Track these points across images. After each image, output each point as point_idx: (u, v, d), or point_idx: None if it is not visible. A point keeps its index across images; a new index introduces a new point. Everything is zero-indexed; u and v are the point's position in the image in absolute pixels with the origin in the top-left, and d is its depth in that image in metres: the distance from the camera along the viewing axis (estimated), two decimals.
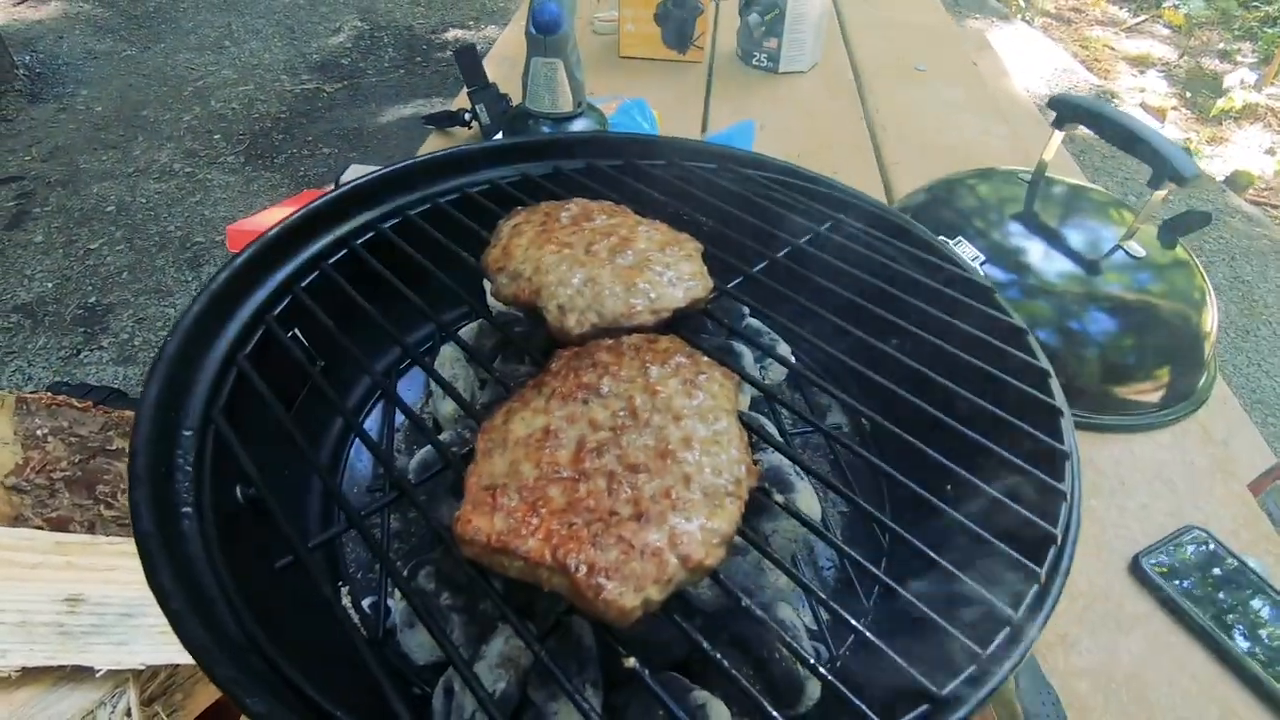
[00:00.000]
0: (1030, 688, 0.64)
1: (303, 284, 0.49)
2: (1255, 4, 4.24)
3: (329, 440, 0.53)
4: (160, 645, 0.72)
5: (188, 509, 0.35)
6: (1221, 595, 0.72)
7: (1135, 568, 0.74)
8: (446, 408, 0.49)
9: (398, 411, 0.56)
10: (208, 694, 0.81)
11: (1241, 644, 0.67)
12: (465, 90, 1.29)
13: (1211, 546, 0.76)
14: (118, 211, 2.65)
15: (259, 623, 0.31)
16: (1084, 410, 0.89)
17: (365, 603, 0.43)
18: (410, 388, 0.57)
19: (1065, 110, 0.94)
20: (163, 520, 0.33)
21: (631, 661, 0.30)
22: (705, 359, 0.41)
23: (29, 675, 0.69)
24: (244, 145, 3.01)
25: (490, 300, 0.56)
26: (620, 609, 0.29)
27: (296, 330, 0.49)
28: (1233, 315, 2.56)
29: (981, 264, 0.93)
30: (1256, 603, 0.71)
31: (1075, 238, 0.92)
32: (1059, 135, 0.96)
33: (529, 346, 0.46)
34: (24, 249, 2.47)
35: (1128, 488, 0.84)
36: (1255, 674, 0.65)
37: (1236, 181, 3.09)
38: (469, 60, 1.26)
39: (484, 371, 0.49)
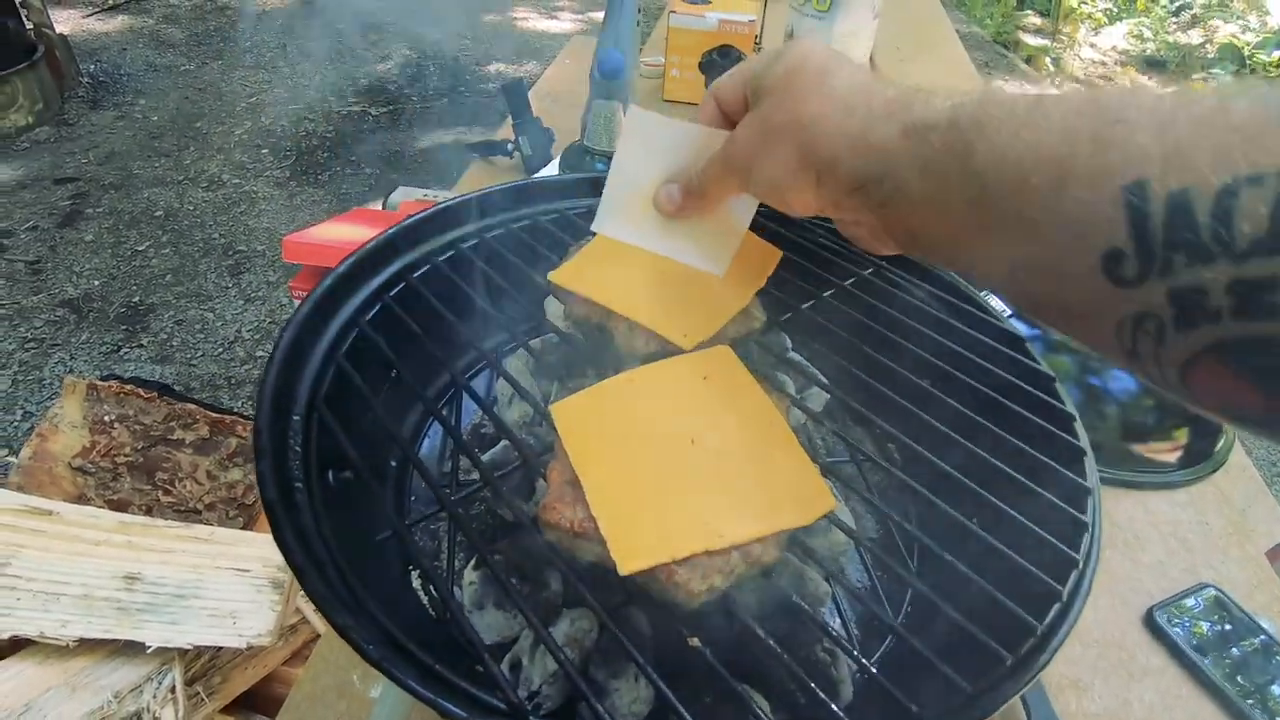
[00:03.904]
0: None
1: (391, 294, 0.54)
2: None
3: (405, 440, 0.57)
4: (208, 627, 0.76)
5: (299, 484, 0.39)
6: (1234, 652, 0.74)
7: (1149, 620, 0.76)
8: (513, 414, 0.53)
9: (463, 415, 0.60)
10: (243, 679, 0.84)
11: (1252, 702, 0.69)
12: (510, 122, 1.36)
13: (1225, 604, 0.78)
14: (166, 217, 2.75)
15: (360, 584, 0.35)
16: (1101, 465, 0.91)
17: (432, 590, 0.47)
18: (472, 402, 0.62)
19: None
20: (282, 489, 0.37)
21: (695, 641, 0.34)
22: (757, 383, 0.45)
23: (85, 646, 0.73)
24: (290, 161, 3.13)
25: (551, 318, 0.61)
26: (688, 591, 0.33)
27: (383, 336, 0.53)
28: None
29: (1008, 317, 0.97)
30: (1268, 662, 0.73)
31: None
32: None
33: (594, 360, 0.51)
34: (75, 247, 2.57)
35: (1142, 542, 0.86)
36: None
37: None
38: (516, 94, 1.33)
39: (551, 383, 0.53)
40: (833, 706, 0.36)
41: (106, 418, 0.89)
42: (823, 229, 0.65)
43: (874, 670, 0.35)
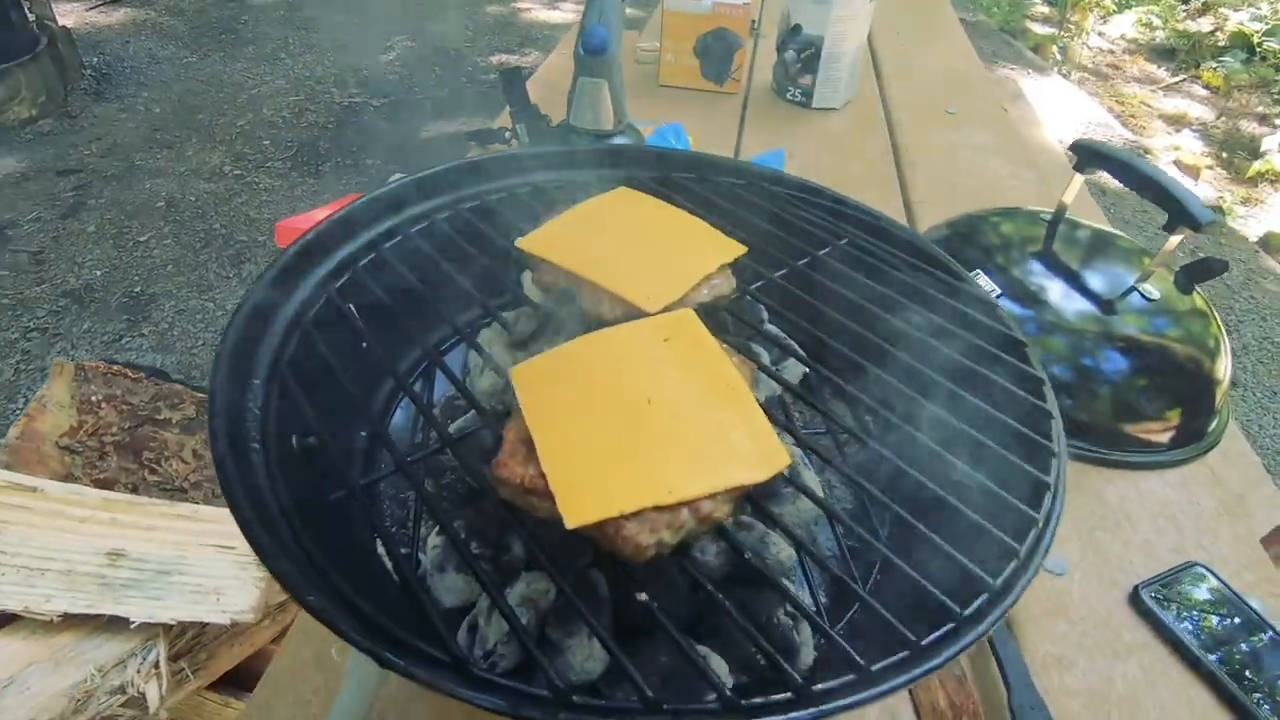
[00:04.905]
0: (1022, 700, 0.65)
1: (361, 263, 0.54)
2: None
3: (373, 410, 0.57)
4: (192, 603, 0.76)
5: (255, 444, 0.39)
6: (1220, 630, 0.73)
7: (1135, 598, 0.76)
8: (483, 383, 0.53)
9: (435, 388, 0.60)
10: (230, 656, 0.85)
11: (1236, 678, 0.68)
12: (508, 110, 1.35)
13: (1213, 583, 0.77)
14: (167, 207, 2.76)
15: (313, 541, 0.35)
16: (1093, 445, 0.91)
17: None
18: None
19: (1085, 154, 0.97)
20: (234, 446, 0.37)
21: (643, 596, 0.33)
22: (724, 346, 0.45)
23: (70, 621, 0.74)
24: (291, 152, 3.13)
25: (526, 290, 0.60)
26: (636, 545, 0.33)
27: (352, 305, 0.53)
28: (1261, 375, 2.54)
29: (998, 298, 0.95)
30: (1255, 639, 0.72)
31: (1092, 278, 0.95)
32: (1080, 178, 0.99)
33: (565, 329, 0.51)
34: (77, 237, 2.58)
35: (1133, 522, 0.85)
36: (1249, 710, 0.66)
37: (1270, 243, 3.09)
38: (514, 82, 1.33)
39: (523, 353, 0.53)
40: (789, 669, 0.35)
41: (94, 398, 0.89)
42: (797, 198, 0.64)
43: (829, 629, 0.35)
